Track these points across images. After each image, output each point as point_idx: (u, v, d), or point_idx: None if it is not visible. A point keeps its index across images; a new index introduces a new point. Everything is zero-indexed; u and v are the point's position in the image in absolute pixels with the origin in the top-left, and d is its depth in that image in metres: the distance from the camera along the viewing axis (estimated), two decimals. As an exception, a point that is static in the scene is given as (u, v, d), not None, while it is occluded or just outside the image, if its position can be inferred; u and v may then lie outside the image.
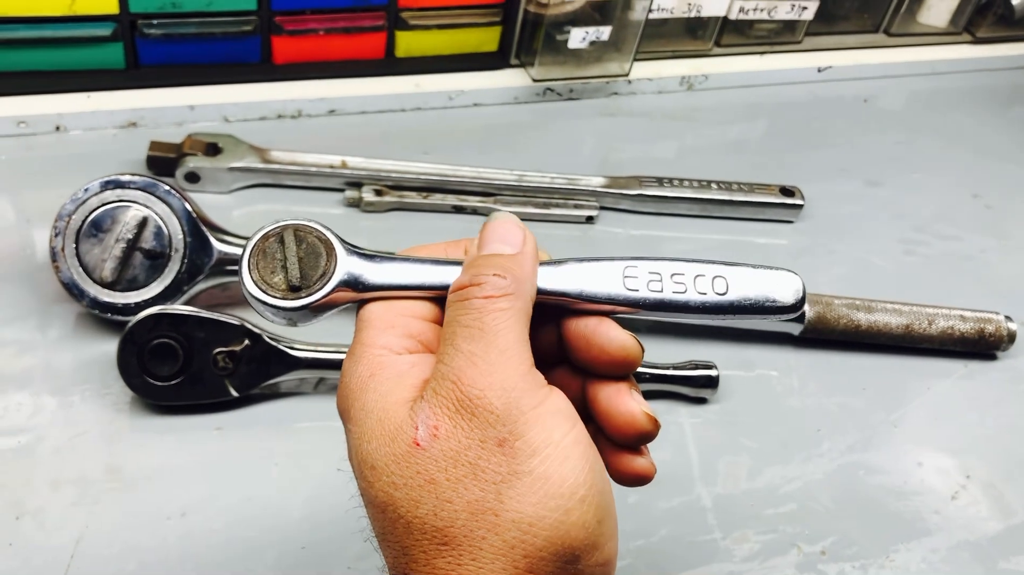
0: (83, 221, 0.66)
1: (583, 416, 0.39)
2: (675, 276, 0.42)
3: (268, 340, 0.65)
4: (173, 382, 0.64)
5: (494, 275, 0.39)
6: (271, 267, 0.41)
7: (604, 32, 0.97)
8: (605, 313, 0.42)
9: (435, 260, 0.42)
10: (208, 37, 0.88)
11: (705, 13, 1.04)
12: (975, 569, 0.65)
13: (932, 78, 1.19)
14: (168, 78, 0.89)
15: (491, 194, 0.86)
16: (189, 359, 0.63)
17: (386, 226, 0.83)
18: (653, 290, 0.42)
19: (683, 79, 1.07)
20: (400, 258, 0.42)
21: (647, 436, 0.42)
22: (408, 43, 0.95)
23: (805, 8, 1.08)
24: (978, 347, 0.80)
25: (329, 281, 0.41)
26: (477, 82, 0.98)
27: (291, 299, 0.40)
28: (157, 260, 0.67)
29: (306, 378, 0.68)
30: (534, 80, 0.99)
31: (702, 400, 0.73)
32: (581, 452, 0.37)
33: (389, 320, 0.41)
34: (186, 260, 0.67)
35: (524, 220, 0.85)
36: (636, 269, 0.42)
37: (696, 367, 0.72)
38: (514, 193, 0.86)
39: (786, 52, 1.13)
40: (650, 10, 0.97)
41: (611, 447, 0.42)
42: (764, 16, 1.07)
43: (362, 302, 0.42)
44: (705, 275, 0.43)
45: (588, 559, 0.36)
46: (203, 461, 0.63)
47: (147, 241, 0.67)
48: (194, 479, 0.62)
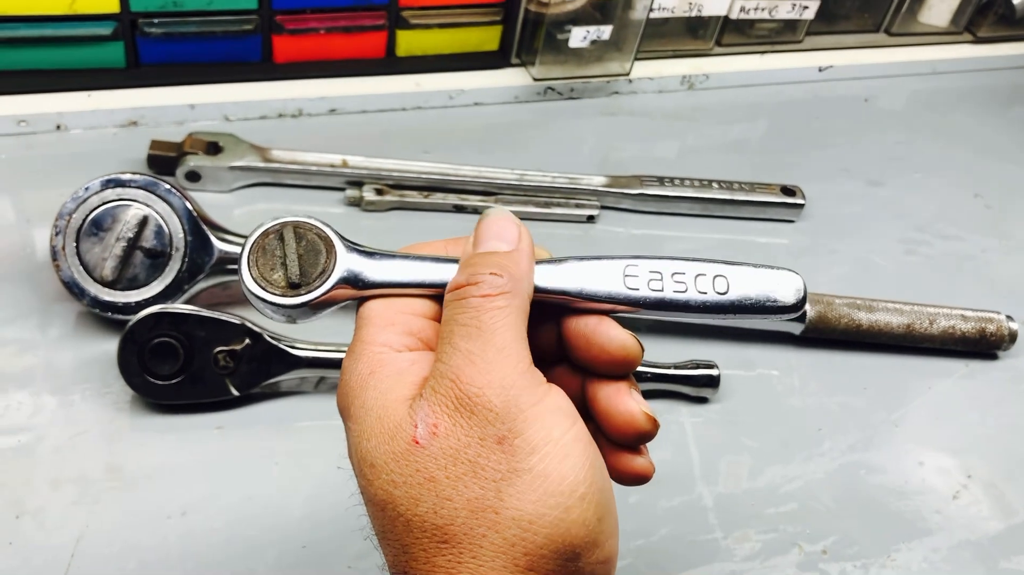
0: (84, 220, 0.66)
1: (582, 415, 0.39)
2: (676, 275, 0.42)
3: (269, 339, 0.65)
4: (174, 381, 0.64)
5: (491, 274, 0.39)
6: (271, 264, 0.41)
7: (605, 31, 0.97)
8: (605, 312, 0.42)
9: (435, 258, 0.42)
10: (209, 36, 0.88)
11: (706, 12, 1.04)
12: (976, 569, 0.65)
13: (933, 78, 1.19)
14: (169, 77, 0.89)
15: (492, 193, 0.86)
16: (190, 358, 0.63)
17: (387, 225, 0.83)
18: (654, 289, 0.42)
19: (684, 78, 1.07)
20: (400, 255, 0.42)
21: (646, 436, 0.42)
22: (409, 42, 0.95)
23: (806, 8, 1.08)
24: (979, 347, 0.80)
25: (329, 278, 0.41)
26: (478, 81, 0.98)
27: (290, 296, 0.40)
28: (158, 259, 0.67)
29: (307, 377, 0.68)
30: (535, 79, 0.99)
31: (703, 399, 0.73)
32: (581, 449, 0.37)
33: (389, 318, 0.40)
34: (187, 259, 0.67)
35: (525, 219, 0.86)
36: (637, 268, 0.42)
37: (697, 366, 0.72)
38: (515, 192, 0.86)
39: (787, 51, 1.13)
40: (651, 9, 0.97)
41: (610, 446, 0.42)
42: (765, 15, 1.07)
43: (362, 299, 0.41)
44: (706, 274, 0.42)
45: (589, 557, 0.36)
46: (204, 460, 0.63)
47: (148, 240, 0.67)
48: (195, 478, 0.62)
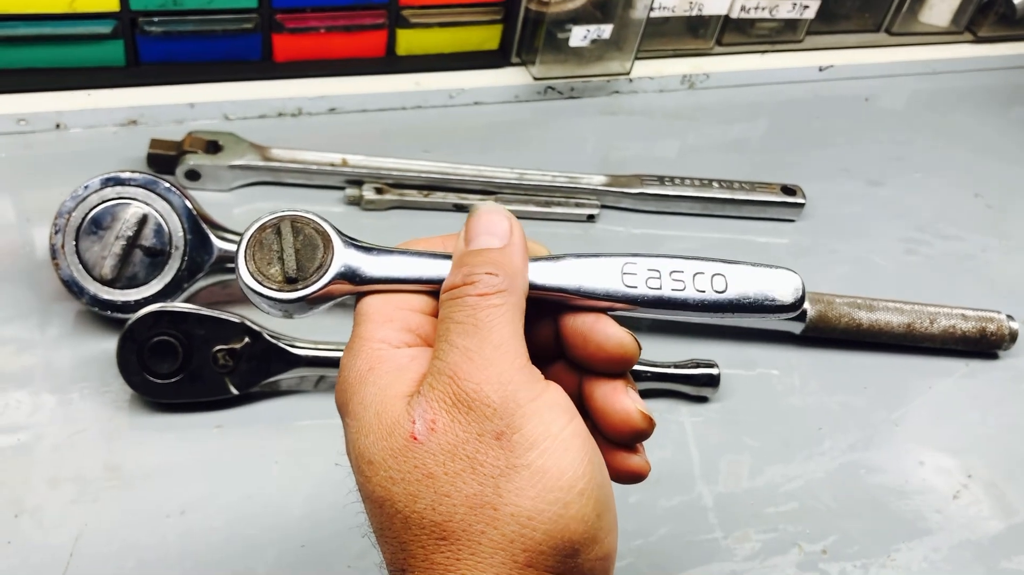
0: (83, 218, 0.66)
1: (579, 413, 0.39)
2: (674, 273, 0.42)
3: (268, 338, 0.65)
4: (173, 380, 0.64)
5: (486, 273, 0.38)
6: (267, 258, 0.40)
7: (605, 30, 0.97)
8: (603, 310, 0.42)
9: (433, 253, 0.42)
10: (209, 35, 0.88)
11: (706, 12, 1.04)
12: (976, 568, 0.65)
13: (933, 77, 1.19)
14: (168, 76, 0.89)
15: (492, 192, 0.86)
16: (189, 357, 0.63)
17: (386, 224, 0.83)
18: (652, 287, 0.42)
19: (684, 78, 1.07)
20: (398, 251, 0.42)
21: (642, 434, 0.41)
22: (409, 41, 0.95)
23: (806, 7, 1.08)
24: (980, 346, 0.80)
25: (326, 273, 0.40)
26: (478, 80, 0.98)
27: (287, 291, 0.40)
28: (157, 257, 0.67)
29: (306, 376, 0.68)
30: (535, 78, 0.99)
31: (703, 399, 0.73)
32: (580, 445, 0.37)
33: (387, 314, 0.40)
34: (186, 258, 0.67)
35: (525, 219, 0.86)
36: (635, 266, 0.42)
37: (697, 366, 0.72)
38: (515, 191, 0.86)
39: (787, 51, 1.12)
40: (651, 8, 0.97)
41: (606, 444, 0.42)
42: (765, 15, 1.07)
43: (360, 295, 0.41)
44: (704, 273, 0.42)
45: (588, 553, 0.36)
46: (203, 459, 0.63)
47: (147, 238, 0.67)
48: (194, 477, 0.62)
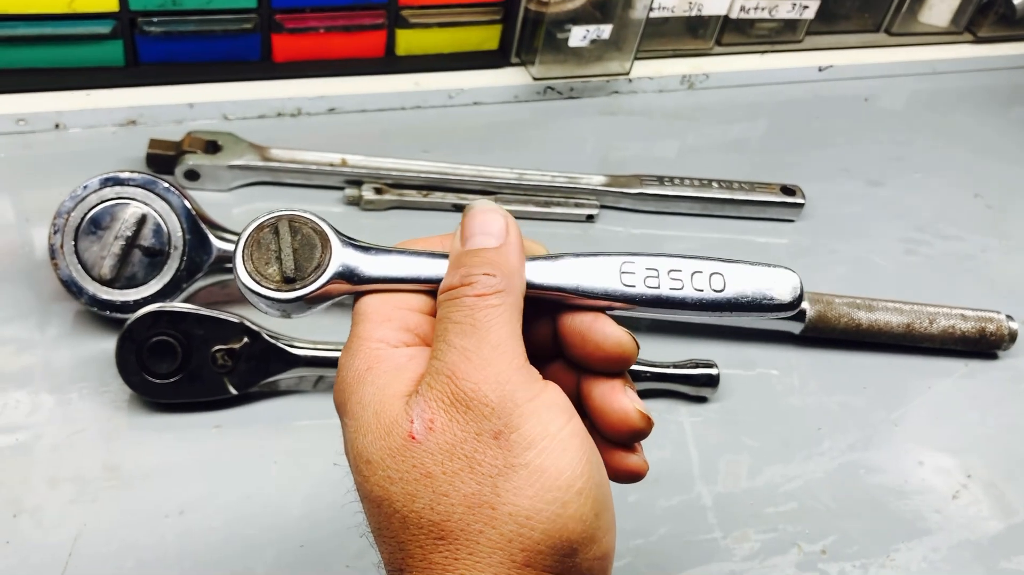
0: (82, 218, 0.66)
1: (577, 412, 0.39)
2: (672, 272, 0.42)
3: (267, 338, 0.65)
4: (172, 380, 0.64)
5: (484, 274, 0.38)
6: (265, 258, 0.40)
7: (605, 30, 0.97)
8: (601, 309, 0.42)
9: (431, 253, 0.42)
10: (208, 35, 0.88)
11: (706, 12, 1.04)
12: (976, 568, 0.65)
13: (933, 78, 1.19)
14: (168, 76, 0.89)
15: (491, 192, 0.86)
16: (188, 357, 0.63)
17: (386, 224, 0.83)
18: (650, 286, 0.42)
19: (684, 78, 1.07)
20: (396, 250, 0.42)
21: (640, 434, 0.41)
22: (408, 41, 0.95)
23: (806, 7, 1.08)
24: (979, 346, 0.80)
25: (324, 273, 0.40)
26: (477, 80, 0.98)
27: (285, 291, 0.40)
28: (156, 257, 0.67)
29: (305, 376, 0.68)
30: (535, 78, 0.99)
31: (702, 399, 0.73)
32: (578, 444, 0.37)
33: (386, 313, 0.40)
34: (185, 258, 0.67)
35: (525, 219, 0.86)
36: (633, 265, 0.42)
37: (696, 366, 0.72)
38: (514, 192, 0.86)
39: (787, 51, 1.12)
40: (651, 8, 0.97)
41: (604, 444, 0.41)
42: (765, 15, 1.07)
43: (358, 295, 0.41)
44: (702, 271, 0.42)
45: (586, 552, 0.36)
46: (202, 459, 0.63)
47: (146, 238, 0.67)
48: (193, 477, 0.62)
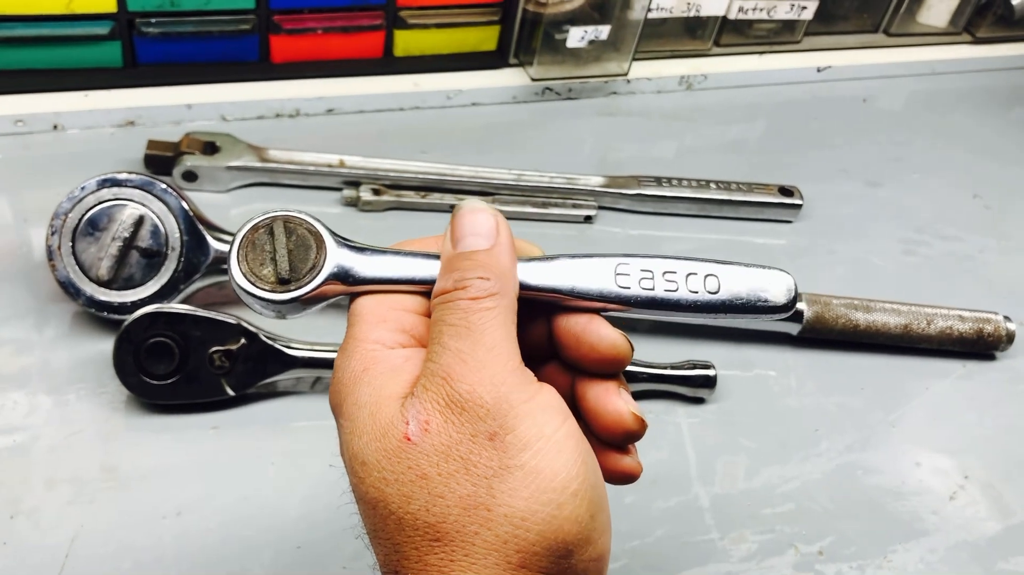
0: (80, 219, 0.66)
1: (572, 414, 0.39)
2: (667, 274, 0.42)
3: (264, 339, 0.65)
4: (169, 381, 0.64)
5: (478, 278, 0.38)
6: (260, 259, 0.40)
7: (603, 31, 0.97)
8: (596, 310, 0.42)
9: (426, 254, 0.42)
10: (206, 36, 0.88)
11: (704, 13, 1.04)
12: (973, 569, 0.65)
13: (932, 78, 1.19)
14: (166, 77, 0.89)
15: (489, 193, 0.86)
16: (185, 358, 0.63)
17: (384, 225, 0.83)
18: (645, 288, 0.42)
19: (682, 79, 1.07)
20: (391, 251, 0.42)
21: (633, 435, 0.41)
22: (406, 42, 0.95)
23: (804, 8, 1.08)
24: (977, 347, 0.80)
25: (319, 274, 0.40)
26: (475, 81, 0.98)
27: (280, 292, 0.40)
28: (153, 259, 0.67)
29: (303, 377, 0.68)
30: (533, 79, 0.99)
31: (700, 400, 0.73)
32: (573, 446, 0.37)
33: (381, 314, 0.40)
34: (182, 259, 0.67)
35: (523, 219, 0.86)
36: (628, 266, 0.42)
37: (694, 367, 0.72)
38: (512, 192, 0.86)
39: (785, 52, 1.12)
40: (649, 9, 0.97)
41: (598, 445, 0.41)
42: (763, 16, 1.07)
43: (353, 296, 0.41)
44: (697, 273, 0.42)
45: (581, 554, 0.36)
46: (199, 460, 0.63)
47: (144, 240, 0.67)
48: (190, 478, 0.62)
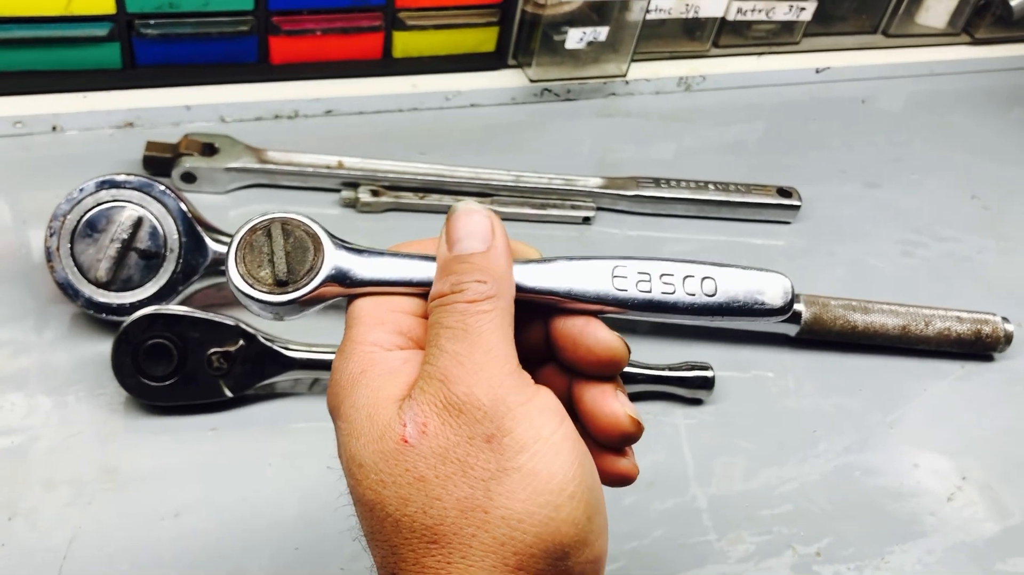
0: (78, 221, 0.66)
1: (569, 416, 0.39)
2: (664, 276, 0.42)
3: (263, 340, 0.65)
4: (167, 382, 0.64)
5: (475, 281, 0.38)
6: (258, 261, 0.40)
7: (601, 33, 0.97)
8: (593, 313, 0.42)
9: (424, 256, 0.42)
10: (205, 37, 0.88)
11: (703, 14, 1.04)
12: (971, 570, 0.65)
13: (930, 79, 1.19)
14: (165, 78, 0.89)
15: (488, 195, 0.86)
16: (183, 359, 0.63)
17: (382, 227, 0.83)
18: (642, 290, 0.42)
19: (681, 80, 1.07)
20: (389, 253, 0.42)
21: (630, 438, 0.42)
22: (405, 43, 0.95)
23: (803, 9, 1.08)
24: (975, 348, 0.80)
25: (316, 276, 0.40)
26: (474, 82, 0.98)
27: (277, 294, 0.40)
28: (152, 260, 0.67)
29: (301, 379, 0.68)
30: (531, 81, 0.99)
31: (698, 401, 0.73)
32: (570, 448, 0.37)
33: (379, 316, 0.40)
34: (181, 260, 0.67)
35: (521, 221, 0.86)
36: (625, 269, 0.42)
37: (692, 368, 0.72)
38: (511, 194, 0.86)
39: (784, 53, 1.12)
40: (648, 11, 0.97)
41: (595, 447, 0.42)
42: (762, 17, 1.07)
43: (351, 298, 0.41)
44: (694, 276, 0.42)
45: (578, 556, 0.36)
46: (197, 462, 0.63)
47: (142, 241, 0.67)
48: (188, 479, 0.62)
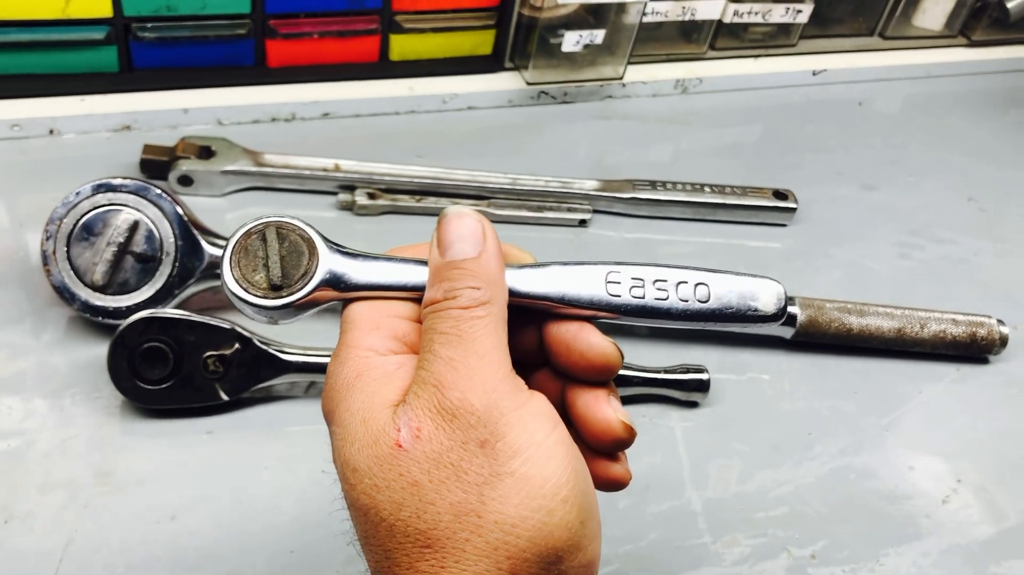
0: (74, 225, 0.66)
1: (562, 420, 0.39)
2: (657, 282, 0.42)
3: (258, 344, 0.65)
4: (163, 386, 0.64)
5: (468, 288, 0.39)
6: (253, 265, 0.40)
7: (598, 35, 0.97)
8: (587, 318, 0.42)
9: (419, 260, 0.42)
10: (202, 40, 0.88)
11: (699, 16, 1.04)
12: (966, 573, 0.65)
13: (927, 81, 1.19)
14: (162, 81, 0.89)
15: (484, 197, 0.86)
16: (179, 363, 0.63)
17: (379, 229, 0.83)
18: (635, 296, 0.42)
19: (677, 82, 1.07)
20: (384, 257, 0.42)
21: (622, 443, 0.42)
22: (402, 46, 0.95)
23: (800, 11, 1.08)
24: (970, 351, 0.80)
25: (311, 280, 0.41)
26: (471, 85, 0.98)
27: (272, 298, 0.40)
28: (148, 264, 0.67)
29: (296, 382, 0.68)
30: (528, 83, 0.99)
31: (693, 404, 0.73)
32: (563, 452, 0.37)
33: (374, 321, 0.40)
34: (177, 264, 0.67)
35: (518, 223, 0.86)
36: (619, 274, 0.42)
37: (687, 371, 0.72)
38: (508, 196, 0.86)
39: (781, 55, 1.13)
40: (644, 13, 0.97)
41: (588, 452, 0.42)
42: (758, 19, 1.07)
43: (346, 302, 0.41)
44: (688, 282, 0.43)
45: (571, 560, 0.36)
46: (193, 465, 0.63)
47: (138, 245, 0.67)
48: (184, 483, 0.62)
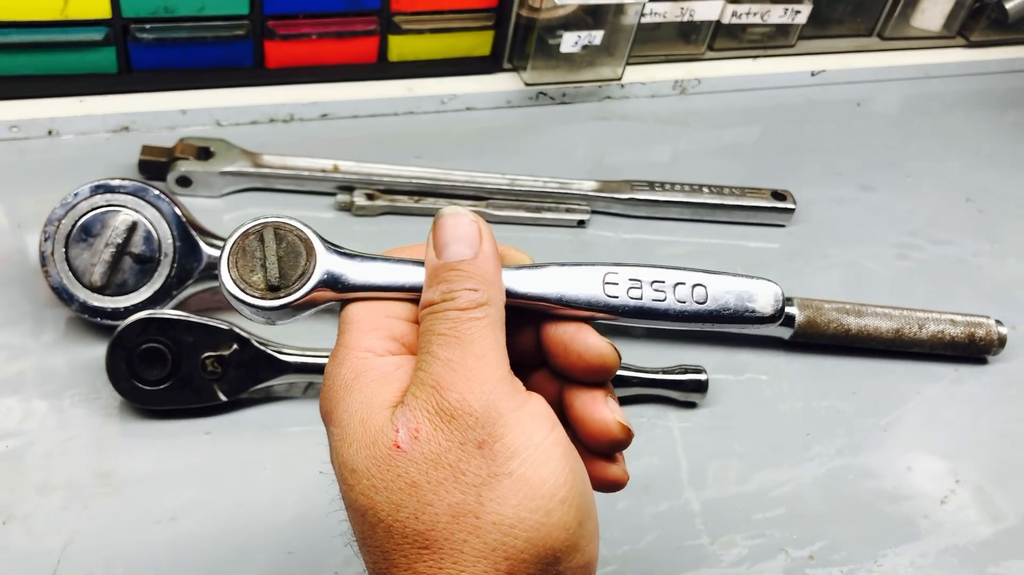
0: (73, 226, 0.66)
1: (560, 421, 0.39)
2: (655, 283, 0.42)
3: (257, 344, 0.65)
4: (162, 386, 0.64)
5: (466, 289, 0.39)
6: (250, 265, 0.41)
7: (596, 36, 0.97)
8: (584, 319, 0.42)
9: (417, 261, 0.42)
10: (200, 41, 0.88)
11: (698, 17, 1.04)
12: (964, 574, 0.65)
13: (925, 82, 1.19)
14: (160, 82, 0.89)
15: (483, 198, 0.86)
16: (178, 363, 0.63)
17: (377, 230, 0.83)
18: (633, 297, 0.42)
19: (676, 83, 1.07)
20: (381, 258, 0.42)
21: (619, 444, 0.42)
22: (401, 47, 0.95)
23: (798, 12, 1.08)
24: (968, 351, 0.80)
25: (308, 281, 0.41)
26: (470, 86, 0.98)
27: (269, 299, 0.40)
28: (146, 264, 0.67)
29: (295, 382, 0.68)
30: (527, 84, 1.00)
31: (691, 404, 0.73)
32: (561, 453, 0.37)
33: (372, 322, 0.40)
34: (175, 264, 0.67)
35: (516, 224, 0.86)
36: (616, 275, 0.42)
37: (686, 371, 0.72)
38: (506, 197, 0.86)
39: (779, 56, 1.13)
40: (643, 14, 0.97)
41: (585, 453, 0.42)
42: (757, 20, 1.07)
43: (344, 302, 0.41)
44: (685, 283, 0.43)
45: (569, 561, 0.36)
46: (192, 465, 0.63)
47: (136, 245, 0.67)
48: (183, 483, 0.62)
